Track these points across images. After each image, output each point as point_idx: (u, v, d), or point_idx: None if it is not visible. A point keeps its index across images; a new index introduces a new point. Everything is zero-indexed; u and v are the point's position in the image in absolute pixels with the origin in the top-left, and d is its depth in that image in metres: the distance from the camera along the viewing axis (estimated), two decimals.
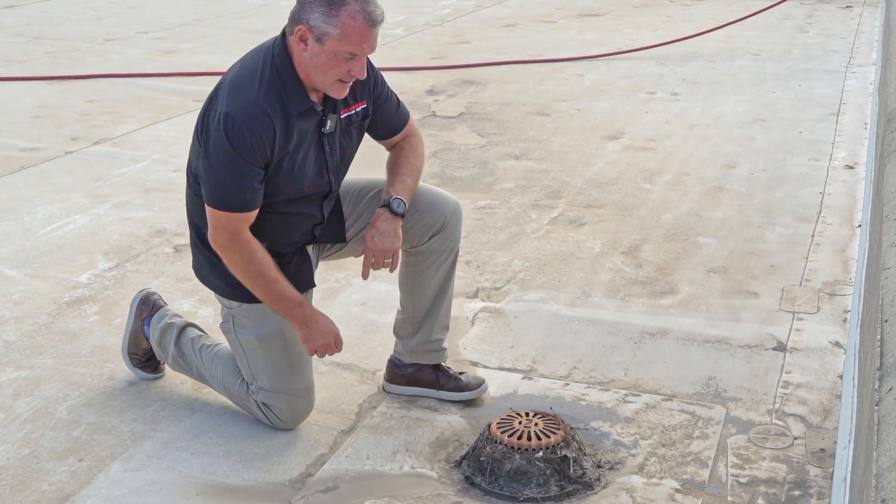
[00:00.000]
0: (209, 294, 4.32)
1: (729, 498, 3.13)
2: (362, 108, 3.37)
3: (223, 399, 3.62)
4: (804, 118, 7.45)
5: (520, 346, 4.08)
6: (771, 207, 5.62)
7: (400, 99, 3.53)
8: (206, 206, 3.20)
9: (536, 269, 4.79)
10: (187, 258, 4.72)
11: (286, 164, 3.21)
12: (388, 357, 3.75)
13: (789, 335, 4.16)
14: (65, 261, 4.78)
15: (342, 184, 3.46)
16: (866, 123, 7.25)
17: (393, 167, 3.47)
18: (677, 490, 3.16)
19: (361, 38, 3.07)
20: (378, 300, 4.40)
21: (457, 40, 10.04)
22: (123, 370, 3.81)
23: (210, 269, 3.41)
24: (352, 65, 3.10)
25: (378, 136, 3.52)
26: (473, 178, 6.02)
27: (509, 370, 3.90)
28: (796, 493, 3.15)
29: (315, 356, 3.39)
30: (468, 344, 4.02)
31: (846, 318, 4.28)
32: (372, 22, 3.06)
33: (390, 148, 3.54)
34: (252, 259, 3.21)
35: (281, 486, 3.19)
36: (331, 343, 3.32)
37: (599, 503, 3.11)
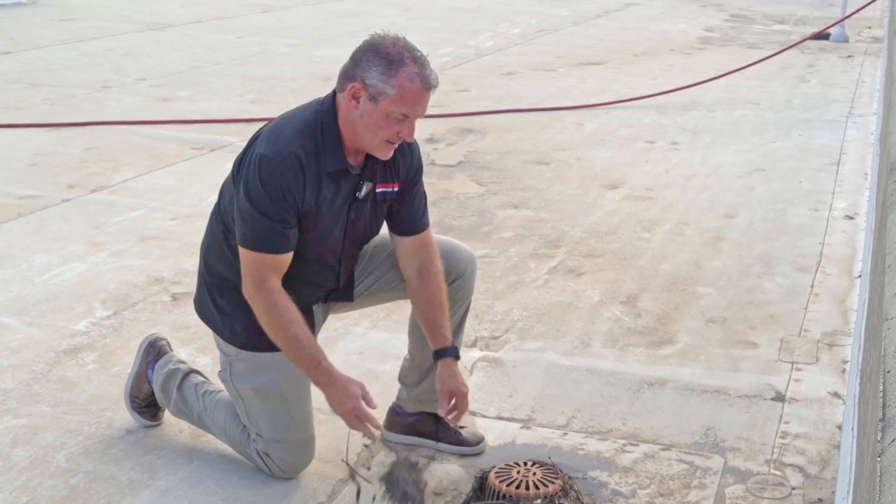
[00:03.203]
0: (207, 343, 4.32)
1: None
2: (396, 190, 3.38)
3: (221, 447, 3.60)
4: (804, 168, 7.48)
5: (518, 395, 4.07)
6: (770, 257, 5.63)
7: (427, 205, 3.51)
8: (238, 247, 3.19)
9: (535, 318, 4.78)
10: (185, 307, 4.73)
11: (312, 220, 3.21)
12: (387, 406, 3.73)
13: (788, 385, 4.15)
14: (62, 309, 4.77)
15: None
16: (867, 174, 7.28)
17: (432, 304, 3.40)
18: None
19: (416, 101, 3.12)
20: (377, 349, 4.39)
21: (456, 88, 10.07)
22: (121, 418, 3.79)
23: (213, 310, 3.41)
24: (402, 127, 3.15)
25: (393, 228, 3.46)
26: (472, 227, 6.02)
27: (508, 419, 3.88)
28: None
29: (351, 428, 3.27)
30: None
31: (845, 369, 4.27)
32: (427, 86, 3.12)
33: (400, 250, 3.45)
34: (273, 310, 3.18)
35: None
36: (354, 409, 3.19)
37: None
